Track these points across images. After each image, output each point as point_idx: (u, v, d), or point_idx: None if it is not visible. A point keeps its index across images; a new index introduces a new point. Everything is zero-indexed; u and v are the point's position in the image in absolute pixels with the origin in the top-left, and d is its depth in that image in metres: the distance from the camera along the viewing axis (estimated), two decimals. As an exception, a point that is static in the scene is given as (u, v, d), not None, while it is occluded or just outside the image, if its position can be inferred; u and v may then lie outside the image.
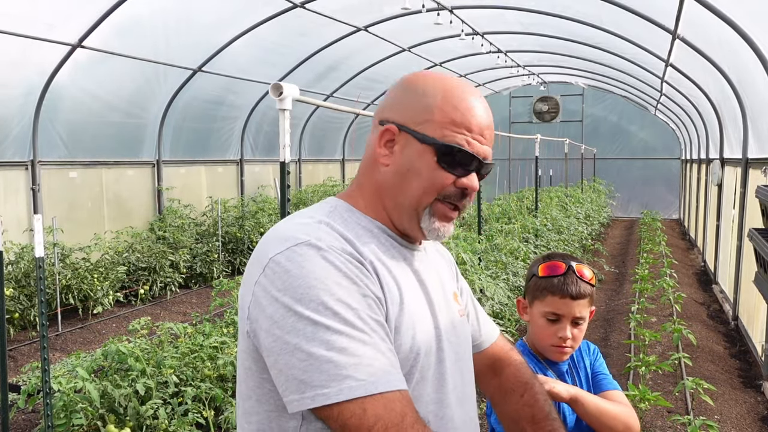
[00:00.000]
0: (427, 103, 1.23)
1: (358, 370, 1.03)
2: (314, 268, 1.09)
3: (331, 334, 1.04)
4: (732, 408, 4.93)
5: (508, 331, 5.08)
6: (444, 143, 1.21)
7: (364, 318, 1.08)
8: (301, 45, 10.13)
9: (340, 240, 1.16)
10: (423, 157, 1.22)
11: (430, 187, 1.22)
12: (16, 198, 7.61)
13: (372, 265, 1.16)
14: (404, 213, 1.25)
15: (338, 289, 1.08)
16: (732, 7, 5.63)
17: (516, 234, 7.56)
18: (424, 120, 1.22)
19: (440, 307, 1.28)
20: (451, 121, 1.22)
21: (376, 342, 1.07)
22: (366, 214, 1.27)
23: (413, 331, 1.18)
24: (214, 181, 11.21)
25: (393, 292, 1.17)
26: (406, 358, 1.16)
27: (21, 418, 4.79)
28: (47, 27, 6.77)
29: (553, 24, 10.12)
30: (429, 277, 1.30)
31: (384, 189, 1.26)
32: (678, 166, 17.14)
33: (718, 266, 8.97)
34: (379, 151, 1.25)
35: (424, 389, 1.20)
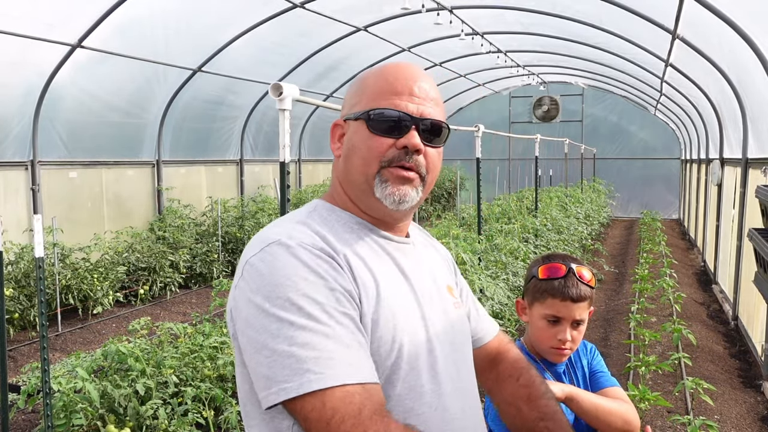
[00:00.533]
0: (360, 87, 1.31)
1: (318, 363, 1.04)
2: (282, 266, 1.11)
3: (295, 329, 1.06)
4: (732, 408, 4.93)
5: (508, 331, 5.08)
6: (369, 110, 1.25)
7: (330, 311, 1.09)
8: (301, 45, 10.13)
9: (313, 237, 1.18)
10: (358, 133, 1.26)
11: (368, 155, 1.24)
12: (16, 198, 7.61)
13: (345, 259, 1.18)
14: (359, 190, 1.27)
15: (304, 285, 1.09)
16: (732, 7, 5.63)
17: (516, 234, 7.55)
18: (357, 102, 1.29)
19: (429, 298, 1.29)
20: (377, 93, 1.26)
21: (340, 335, 1.08)
22: (345, 209, 1.30)
23: (393, 322, 1.18)
24: (214, 181, 11.21)
25: (368, 285, 1.18)
26: (389, 350, 1.17)
27: (21, 418, 4.79)
28: (47, 27, 6.77)
29: (553, 24, 10.12)
30: (416, 269, 1.30)
31: (342, 178, 1.31)
32: (678, 166, 17.14)
33: (718, 266, 8.97)
34: (333, 146, 1.33)
35: (417, 380, 1.20)
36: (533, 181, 12.76)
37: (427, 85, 1.29)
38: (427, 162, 1.27)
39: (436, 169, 1.30)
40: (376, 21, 9.87)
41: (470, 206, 11.54)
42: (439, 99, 1.31)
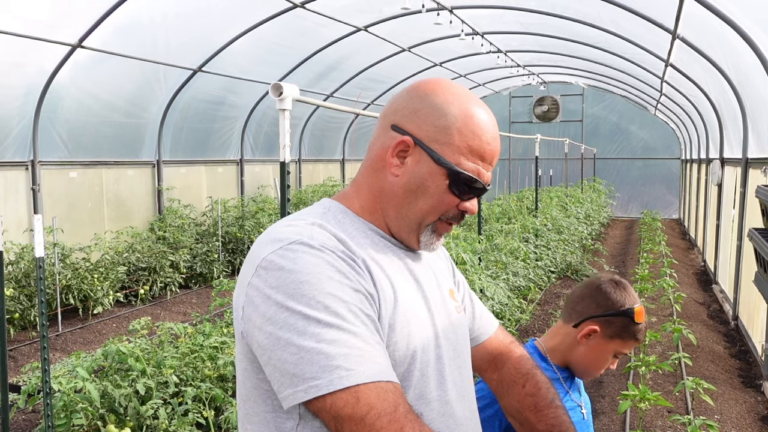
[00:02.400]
0: (447, 122, 1.22)
1: (348, 360, 1.04)
2: (306, 264, 1.09)
3: (322, 327, 1.05)
4: (732, 408, 4.93)
5: (508, 331, 5.09)
6: (459, 171, 1.21)
7: (355, 311, 1.09)
8: (301, 45, 10.13)
9: (333, 239, 1.16)
10: (435, 178, 1.22)
11: (437, 207, 1.24)
12: (17, 198, 7.61)
13: (365, 263, 1.17)
14: (406, 225, 1.26)
15: (330, 284, 1.08)
16: (732, 7, 5.63)
17: (516, 234, 7.56)
18: (442, 140, 1.22)
19: (436, 304, 1.29)
20: (468, 148, 1.22)
21: (367, 335, 1.08)
22: (360, 216, 1.27)
23: (408, 329, 1.18)
24: (214, 181, 11.21)
25: (386, 290, 1.17)
26: (403, 356, 1.17)
27: (21, 418, 4.79)
28: (48, 27, 6.77)
29: (553, 24, 10.12)
30: (424, 275, 1.31)
31: (388, 198, 1.26)
32: (678, 165, 17.14)
33: (718, 266, 8.97)
34: (391, 160, 1.24)
35: (426, 387, 1.20)
36: (533, 181, 12.76)
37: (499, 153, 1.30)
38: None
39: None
40: (376, 21, 9.87)
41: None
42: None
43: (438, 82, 1.28)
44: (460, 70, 14.45)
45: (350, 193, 1.30)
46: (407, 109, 1.25)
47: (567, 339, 1.83)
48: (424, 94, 1.25)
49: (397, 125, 1.24)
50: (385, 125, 1.26)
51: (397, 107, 1.26)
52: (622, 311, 1.78)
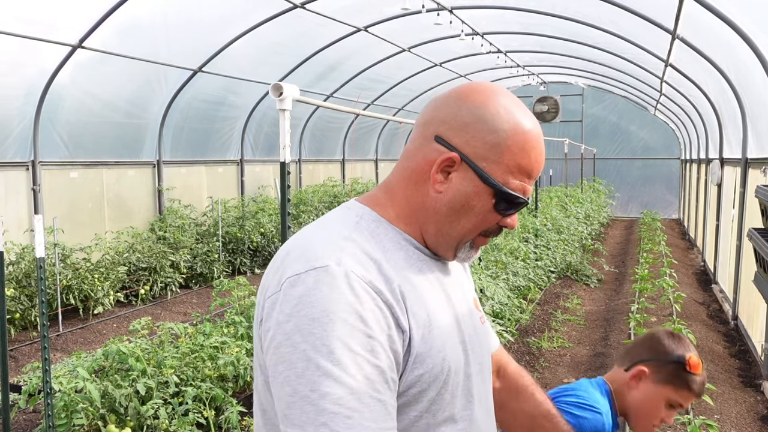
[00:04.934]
0: (497, 139, 1.16)
1: (335, 420, 0.99)
2: (323, 300, 1.03)
3: (320, 375, 1.00)
4: (732, 407, 4.94)
5: (508, 331, 5.09)
6: (507, 191, 1.17)
7: (360, 363, 1.02)
8: (301, 45, 10.14)
9: (365, 263, 1.10)
10: (481, 198, 1.18)
11: (479, 226, 1.21)
12: (17, 198, 7.62)
13: (400, 289, 1.11)
14: (445, 242, 1.22)
15: (341, 327, 1.02)
16: (731, 7, 5.64)
17: (516, 234, 7.56)
18: (491, 158, 1.16)
19: (464, 318, 1.26)
20: (517, 167, 1.17)
21: (364, 391, 1.02)
22: (395, 225, 1.21)
23: (444, 352, 1.15)
24: (214, 181, 11.22)
25: (420, 316, 1.13)
26: (435, 380, 1.13)
27: (22, 418, 4.80)
28: (48, 27, 6.78)
29: (552, 24, 10.13)
30: (453, 288, 1.28)
31: (429, 214, 1.20)
32: (678, 165, 17.15)
33: (717, 266, 8.98)
34: (435, 177, 1.18)
35: (455, 407, 1.19)
36: (533, 181, 12.74)
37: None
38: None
39: None
40: (376, 21, 9.88)
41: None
42: None
43: (488, 92, 1.20)
44: (460, 70, 14.46)
45: (383, 200, 1.24)
46: (455, 122, 1.17)
47: (620, 383, 1.86)
48: (474, 106, 1.17)
49: (442, 138, 1.17)
50: (429, 135, 1.19)
51: (443, 117, 1.18)
52: (674, 358, 1.81)
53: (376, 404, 1.02)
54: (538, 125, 1.23)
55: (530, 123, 1.20)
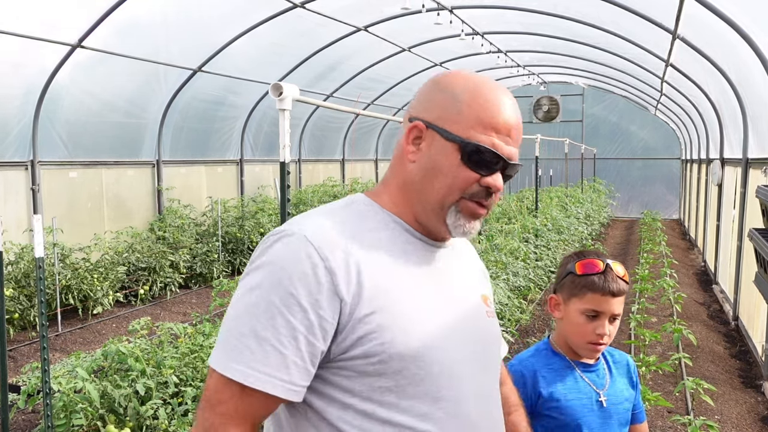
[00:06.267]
0: (455, 100, 1.25)
1: (232, 352, 1.14)
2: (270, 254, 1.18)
3: (240, 311, 1.16)
4: (732, 408, 4.93)
5: (508, 331, 5.08)
6: (469, 142, 1.22)
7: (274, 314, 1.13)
8: (301, 45, 10.13)
9: (328, 233, 1.20)
10: (448, 155, 1.24)
11: (453, 185, 1.24)
12: (16, 198, 7.61)
13: (358, 262, 1.18)
14: (430, 210, 1.26)
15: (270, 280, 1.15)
16: (732, 6, 5.63)
17: (516, 234, 7.56)
18: (451, 117, 1.24)
19: (458, 305, 1.29)
20: (478, 120, 1.23)
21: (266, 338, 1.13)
22: (388, 209, 1.29)
23: (410, 326, 1.18)
24: (214, 181, 11.21)
25: (379, 288, 1.18)
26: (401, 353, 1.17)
27: (21, 418, 4.79)
28: (47, 27, 6.77)
29: (553, 24, 10.12)
30: (450, 275, 1.31)
31: (410, 185, 1.28)
32: (678, 166, 17.14)
33: (718, 266, 8.97)
34: (407, 148, 1.28)
35: (434, 385, 1.20)
36: (533, 181, 12.76)
37: (520, 127, 1.29)
38: (497, 197, 1.29)
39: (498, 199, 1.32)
40: (376, 21, 9.87)
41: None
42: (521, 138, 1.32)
43: (453, 72, 1.31)
44: (460, 70, 14.43)
45: (379, 190, 1.33)
46: (421, 99, 1.30)
47: (557, 324, 1.90)
48: (437, 83, 1.30)
49: (413, 116, 1.29)
50: (405, 120, 1.31)
51: (417, 101, 1.31)
52: (565, 272, 1.84)
53: (274, 354, 1.13)
54: (503, 88, 1.29)
55: (490, 83, 1.27)
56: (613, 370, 1.92)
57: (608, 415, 1.82)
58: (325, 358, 1.18)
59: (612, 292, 1.77)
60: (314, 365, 1.16)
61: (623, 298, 1.81)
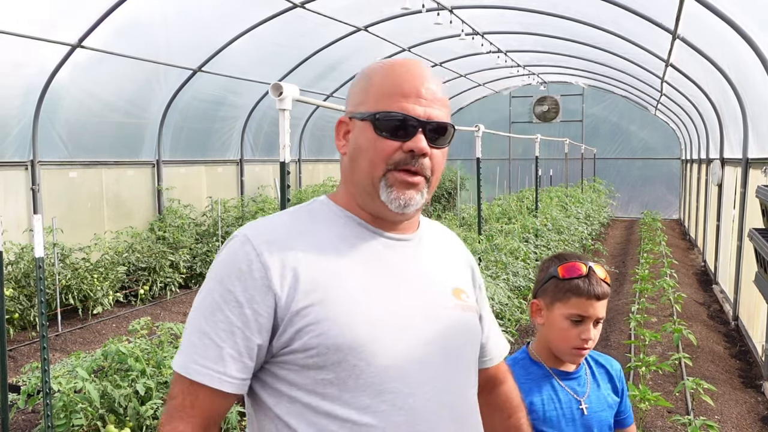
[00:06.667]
0: (367, 84, 1.31)
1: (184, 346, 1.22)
2: (219, 257, 1.26)
3: (193, 310, 1.23)
4: (732, 408, 4.93)
5: (508, 332, 5.08)
6: (376, 111, 1.25)
7: (215, 311, 1.20)
8: (301, 45, 10.13)
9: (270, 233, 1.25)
10: (365, 133, 1.27)
11: (374, 157, 1.25)
12: (16, 198, 7.60)
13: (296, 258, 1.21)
14: (364, 192, 1.28)
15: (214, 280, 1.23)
16: (732, 6, 5.63)
17: (516, 234, 7.55)
18: (364, 100, 1.29)
19: (414, 298, 1.27)
20: (384, 93, 1.27)
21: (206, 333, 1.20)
22: (342, 206, 1.33)
23: (348, 318, 1.19)
24: (214, 181, 11.21)
25: (317, 284, 1.20)
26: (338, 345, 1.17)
27: (21, 418, 4.79)
28: (47, 27, 6.77)
29: (553, 24, 10.12)
30: (408, 267, 1.30)
31: (346, 176, 1.33)
32: (678, 166, 17.14)
33: (718, 266, 8.97)
34: (338, 143, 1.34)
35: (377, 377, 1.19)
36: (533, 181, 12.77)
37: (434, 86, 1.29)
38: (433, 164, 1.28)
39: (440, 170, 1.32)
40: (376, 21, 9.87)
41: (470, 206, 11.55)
42: (445, 99, 1.31)
43: (376, 62, 1.35)
44: (460, 70, 14.45)
45: (337, 189, 1.38)
46: (347, 96, 1.37)
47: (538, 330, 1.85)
48: (356, 77, 1.36)
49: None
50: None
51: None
52: (548, 277, 1.79)
53: (212, 347, 1.19)
54: (413, 60, 1.32)
55: (403, 60, 1.32)
56: (596, 375, 1.86)
57: (589, 424, 1.77)
58: (268, 353, 1.21)
59: (597, 296, 1.73)
60: (252, 359, 1.20)
61: (606, 301, 1.77)
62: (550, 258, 1.85)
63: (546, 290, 1.79)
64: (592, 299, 1.73)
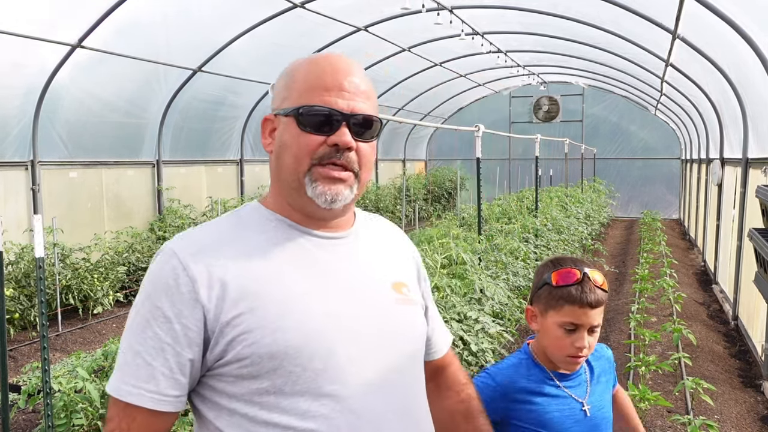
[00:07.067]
0: (290, 80, 1.29)
1: (116, 367, 1.19)
2: (147, 274, 1.22)
3: (125, 329, 1.21)
4: (732, 408, 4.93)
5: (508, 331, 5.08)
6: (299, 106, 1.23)
7: (144, 328, 1.17)
8: (301, 45, 10.13)
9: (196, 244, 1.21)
10: (288, 129, 1.25)
11: (298, 153, 1.23)
12: (16, 198, 7.61)
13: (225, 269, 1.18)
14: (291, 189, 1.26)
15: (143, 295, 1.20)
16: (732, 6, 5.63)
17: (516, 234, 7.55)
18: (286, 96, 1.28)
19: (351, 296, 1.25)
20: (307, 87, 1.25)
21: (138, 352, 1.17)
22: (272, 209, 1.29)
23: (281, 323, 1.16)
24: (214, 181, 11.21)
25: (245, 293, 1.17)
26: (271, 353, 1.15)
27: (21, 418, 4.79)
28: (47, 27, 6.77)
29: (553, 24, 10.12)
30: (341, 265, 1.27)
31: (274, 174, 1.30)
32: (678, 165, 17.14)
33: (718, 266, 8.97)
34: (264, 142, 1.31)
35: (314, 382, 1.17)
36: (533, 181, 12.77)
37: (358, 79, 1.27)
38: (360, 158, 1.25)
39: (369, 164, 1.28)
40: (376, 21, 9.87)
41: (470, 206, 11.54)
42: (370, 92, 1.29)
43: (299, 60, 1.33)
44: (460, 70, 14.45)
45: (267, 192, 1.35)
46: (272, 95, 1.34)
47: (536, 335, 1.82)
48: (280, 74, 1.34)
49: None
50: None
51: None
52: (541, 284, 1.74)
53: (143, 366, 1.16)
54: (336, 54, 1.33)
55: (325, 54, 1.32)
56: (595, 370, 1.83)
57: (593, 423, 1.74)
58: (203, 366, 1.18)
59: (590, 304, 1.67)
60: (185, 375, 1.17)
61: (602, 308, 1.71)
62: (546, 263, 1.80)
63: (540, 297, 1.75)
64: (585, 307, 1.67)
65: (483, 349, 4.03)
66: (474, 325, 4.22)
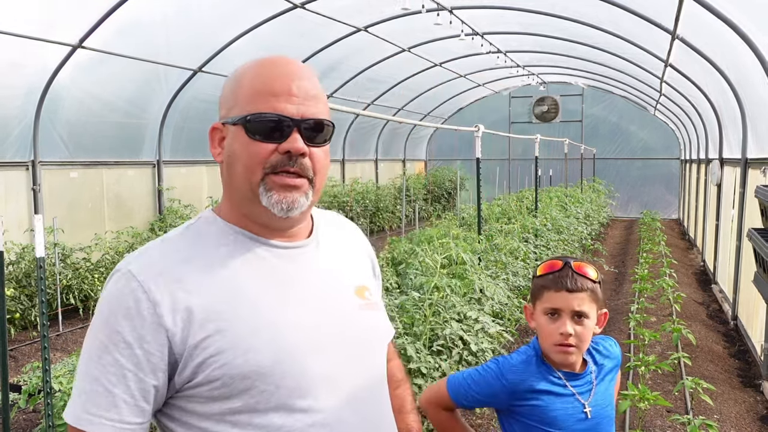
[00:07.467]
0: (236, 86, 1.23)
1: (74, 396, 1.14)
2: (103, 297, 1.17)
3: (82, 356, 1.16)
4: (731, 407, 4.94)
5: (508, 331, 5.09)
6: (246, 114, 1.19)
7: (102, 355, 1.12)
8: (301, 45, 10.14)
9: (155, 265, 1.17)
10: (237, 138, 1.20)
11: (250, 162, 1.19)
12: (17, 198, 7.62)
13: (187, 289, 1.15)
14: (244, 199, 1.22)
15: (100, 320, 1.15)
16: (731, 7, 5.64)
17: (516, 234, 7.57)
18: (234, 104, 1.22)
19: (316, 306, 1.24)
20: (254, 94, 1.20)
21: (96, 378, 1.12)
22: (228, 221, 1.25)
23: (251, 343, 1.14)
24: (214, 182, 11.21)
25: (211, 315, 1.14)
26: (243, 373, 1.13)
27: (22, 417, 4.80)
28: (48, 27, 6.78)
29: (552, 24, 10.14)
30: (304, 275, 1.26)
31: (226, 184, 1.25)
32: (677, 166, 17.16)
33: (717, 266, 8.98)
34: (213, 151, 1.26)
35: (288, 398, 1.16)
36: (533, 181, 12.78)
37: (307, 83, 1.23)
38: (314, 163, 1.22)
39: (324, 169, 1.25)
40: (376, 21, 9.88)
41: (470, 206, 11.55)
42: (320, 95, 1.25)
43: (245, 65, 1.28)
44: (459, 70, 14.46)
45: (221, 201, 1.29)
46: (219, 102, 1.28)
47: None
48: (225, 82, 1.28)
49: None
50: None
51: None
52: (532, 278, 1.82)
53: (104, 394, 1.12)
54: (282, 57, 1.26)
55: (271, 57, 1.25)
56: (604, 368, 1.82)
57: (597, 422, 1.75)
58: (171, 389, 1.16)
59: (567, 288, 1.69)
60: (148, 401, 1.13)
61: (586, 295, 1.71)
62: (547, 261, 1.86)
63: (531, 292, 1.82)
64: (562, 291, 1.70)
65: (483, 349, 4.05)
66: (474, 325, 4.23)
